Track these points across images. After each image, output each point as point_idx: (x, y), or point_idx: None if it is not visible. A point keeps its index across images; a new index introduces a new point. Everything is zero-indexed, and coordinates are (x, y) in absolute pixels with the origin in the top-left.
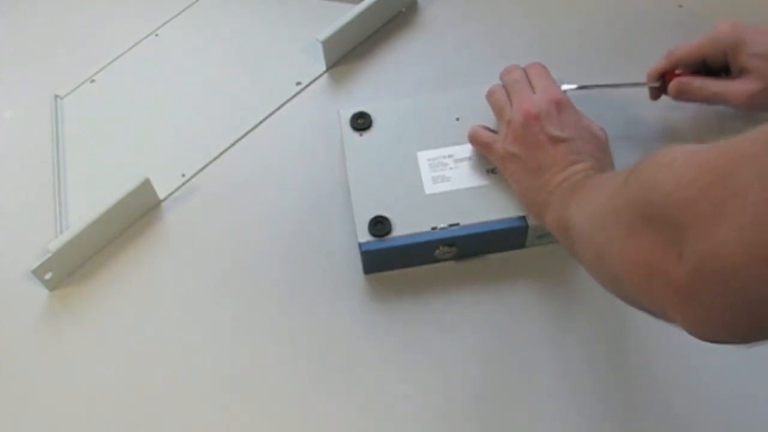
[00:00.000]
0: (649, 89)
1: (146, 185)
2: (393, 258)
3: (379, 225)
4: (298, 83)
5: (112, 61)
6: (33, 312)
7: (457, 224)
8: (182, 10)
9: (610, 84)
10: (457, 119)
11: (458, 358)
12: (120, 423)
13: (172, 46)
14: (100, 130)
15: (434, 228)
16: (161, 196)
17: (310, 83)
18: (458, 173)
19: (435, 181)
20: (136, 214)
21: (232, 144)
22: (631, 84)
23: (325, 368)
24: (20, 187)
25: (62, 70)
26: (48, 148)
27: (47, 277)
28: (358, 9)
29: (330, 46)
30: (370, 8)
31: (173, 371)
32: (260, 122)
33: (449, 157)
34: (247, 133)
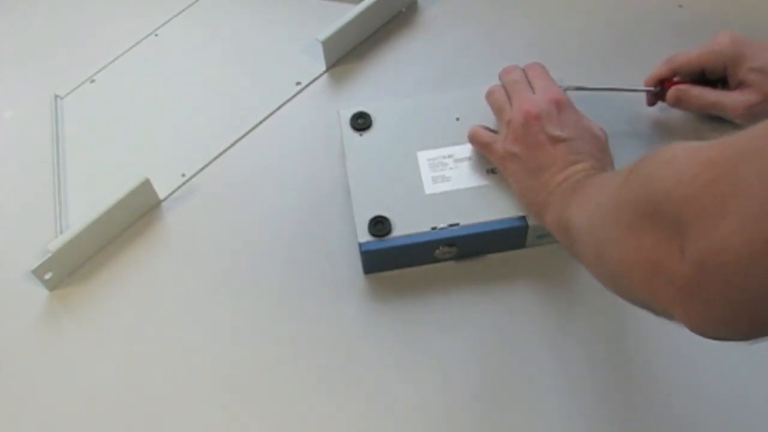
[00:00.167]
0: (646, 95)
1: (146, 185)
2: (393, 258)
3: (379, 225)
4: (298, 83)
5: (112, 61)
6: (33, 312)
7: (457, 224)
8: (182, 10)
9: (609, 87)
10: (457, 119)
11: (458, 358)
12: (120, 423)
13: (172, 46)
14: (100, 130)
15: (434, 228)
16: (161, 196)
17: (310, 83)
18: (458, 173)
19: (435, 181)
20: (136, 214)
21: (232, 144)
22: (629, 89)
23: (325, 368)
24: (20, 187)
25: (62, 70)
26: (48, 148)
27: (47, 277)
28: (358, 9)
29: (330, 46)
30: (370, 8)
31: (173, 371)
32: (260, 122)
33: (449, 157)
34: (247, 133)
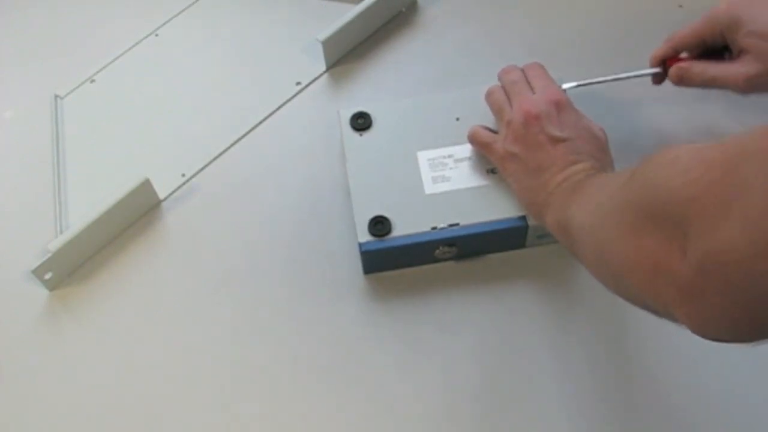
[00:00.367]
0: (651, 76)
1: (146, 185)
2: (393, 258)
3: (379, 225)
4: (298, 83)
5: (112, 61)
6: (33, 312)
7: (457, 224)
8: (182, 10)
9: (610, 78)
10: (457, 119)
11: (458, 358)
12: (120, 423)
13: (172, 46)
14: (100, 130)
15: (434, 228)
16: (161, 196)
17: (310, 83)
18: (458, 173)
19: (435, 181)
20: (136, 214)
21: (232, 144)
22: (631, 75)
23: (325, 368)
24: (20, 187)
25: (62, 70)
26: (48, 148)
27: (47, 277)
28: (358, 9)
29: (330, 46)
30: (370, 8)
31: (173, 371)
32: (260, 122)
33: (449, 157)
34: (247, 133)
